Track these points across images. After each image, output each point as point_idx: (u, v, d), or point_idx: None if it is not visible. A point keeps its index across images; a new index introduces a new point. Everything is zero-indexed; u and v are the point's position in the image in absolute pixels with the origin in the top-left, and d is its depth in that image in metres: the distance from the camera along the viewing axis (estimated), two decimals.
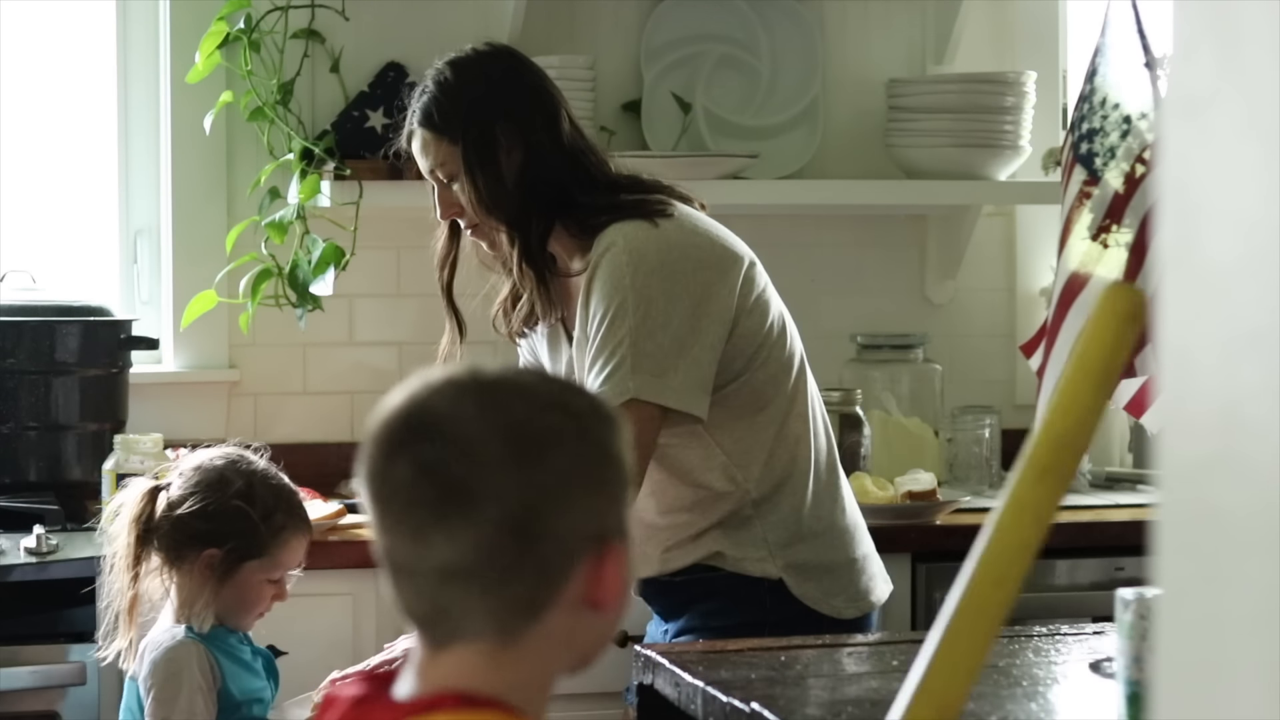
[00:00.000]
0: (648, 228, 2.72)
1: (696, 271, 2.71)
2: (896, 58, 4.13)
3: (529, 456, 1.40)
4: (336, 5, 3.70)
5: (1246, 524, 0.96)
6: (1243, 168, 0.97)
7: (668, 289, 2.68)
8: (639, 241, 2.70)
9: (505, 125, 2.77)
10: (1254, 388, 0.96)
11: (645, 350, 2.65)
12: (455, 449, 1.40)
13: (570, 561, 1.41)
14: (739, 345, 2.75)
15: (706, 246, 2.75)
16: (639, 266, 2.68)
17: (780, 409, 2.80)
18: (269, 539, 2.70)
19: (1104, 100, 2.53)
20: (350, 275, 3.65)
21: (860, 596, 2.83)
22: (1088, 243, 2.53)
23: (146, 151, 3.85)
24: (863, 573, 2.85)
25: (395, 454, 1.42)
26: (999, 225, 4.23)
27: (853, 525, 2.88)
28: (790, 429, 2.81)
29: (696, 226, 2.77)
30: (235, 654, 2.74)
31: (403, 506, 1.42)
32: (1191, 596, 1.01)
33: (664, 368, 2.66)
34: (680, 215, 2.76)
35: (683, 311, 2.68)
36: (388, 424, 1.43)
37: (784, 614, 2.75)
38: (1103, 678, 2.17)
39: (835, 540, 2.84)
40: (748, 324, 2.76)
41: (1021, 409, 3.94)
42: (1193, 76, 1.01)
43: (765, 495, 2.80)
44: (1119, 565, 3.47)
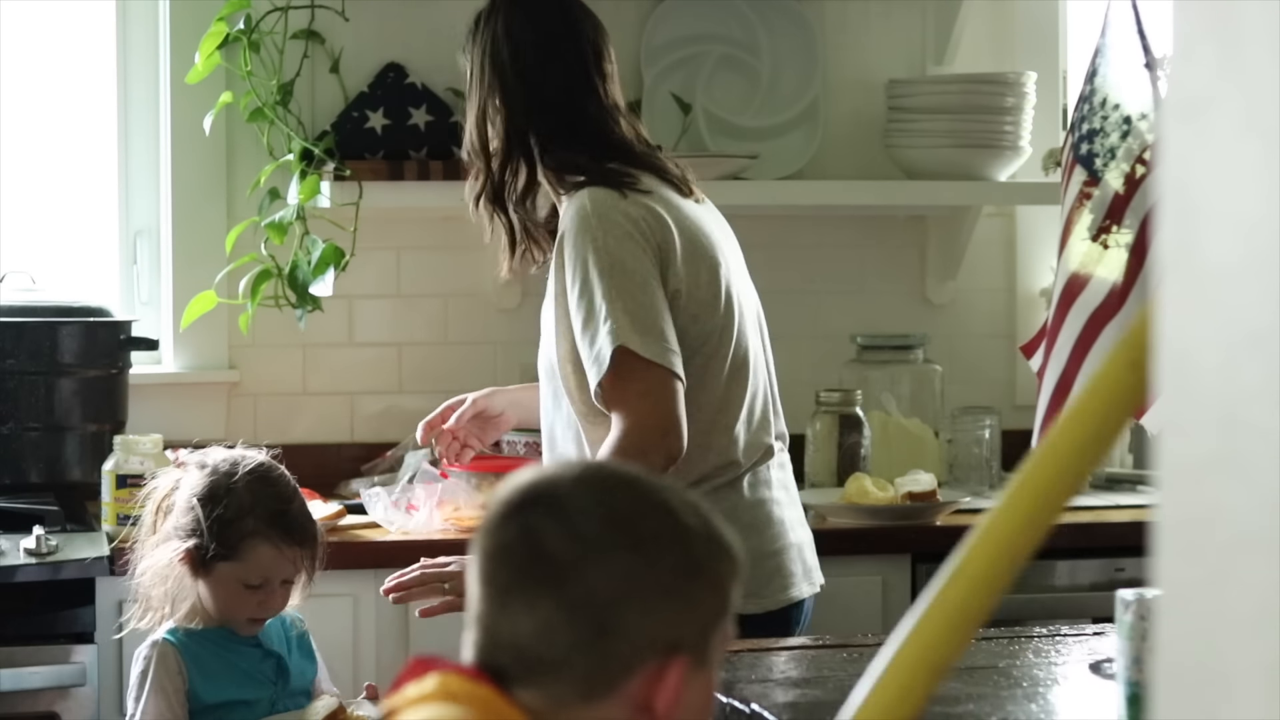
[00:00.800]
0: (610, 194, 2.79)
1: (654, 244, 2.78)
2: (896, 58, 4.13)
3: (623, 548, 1.44)
4: (336, 5, 3.70)
5: (1246, 524, 0.96)
6: (1243, 168, 0.97)
7: (635, 254, 2.75)
8: (603, 204, 2.78)
9: (516, 63, 2.88)
10: (1254, 388, 0.96)
11: (628, 309, 2.72)
12: (559, 522, 1.44)
13: (633, 662, 1.43)
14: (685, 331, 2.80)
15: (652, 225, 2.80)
16: (609, 231, 2.74)
17: (711, 401, 2.84)
18: (237, 542, 2.70)
19: (1104, 101, 2.53)
20: (350, 276, 3.65)
21: (763, 594, 2.84)
22: (1088, 243, 2.53)
23: (146, 151, 3.85)
24: (777, 570, 2.87)
25: (509, 517, 1.47)
26: (999, 226, 4.22)
27: (770, 520, 2.89)
28: (719, 421, 2.85)
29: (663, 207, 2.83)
30: (226, 657, 2.73)
31: (497, 565, 1.46)
32: (1191, 597, 1.01)
33: (647, 327, 2.72)
34: (652, 194, 2.83)
35: (653, 281, 2.75)
36: (513, 489, 1.48)
37: None
38: (1103, 678, 2.17)
39: (744, 534, 2.84)
40: (693, 311, 2.81)
41: (1021, 409, 3.94)
42: (1193, 76, 1.01)
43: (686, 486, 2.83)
44: (1119, 566, 3.47)
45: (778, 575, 2.88)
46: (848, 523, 3.45)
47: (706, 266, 2.85)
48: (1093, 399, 1.36)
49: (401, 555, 3.19)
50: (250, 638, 2.76)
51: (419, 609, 2.83)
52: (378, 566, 3.19)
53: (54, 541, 3.15)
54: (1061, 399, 2.52)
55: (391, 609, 3.20)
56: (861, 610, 3.37)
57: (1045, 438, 1.35)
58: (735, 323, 2.88)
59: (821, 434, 3.73)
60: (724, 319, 2.86)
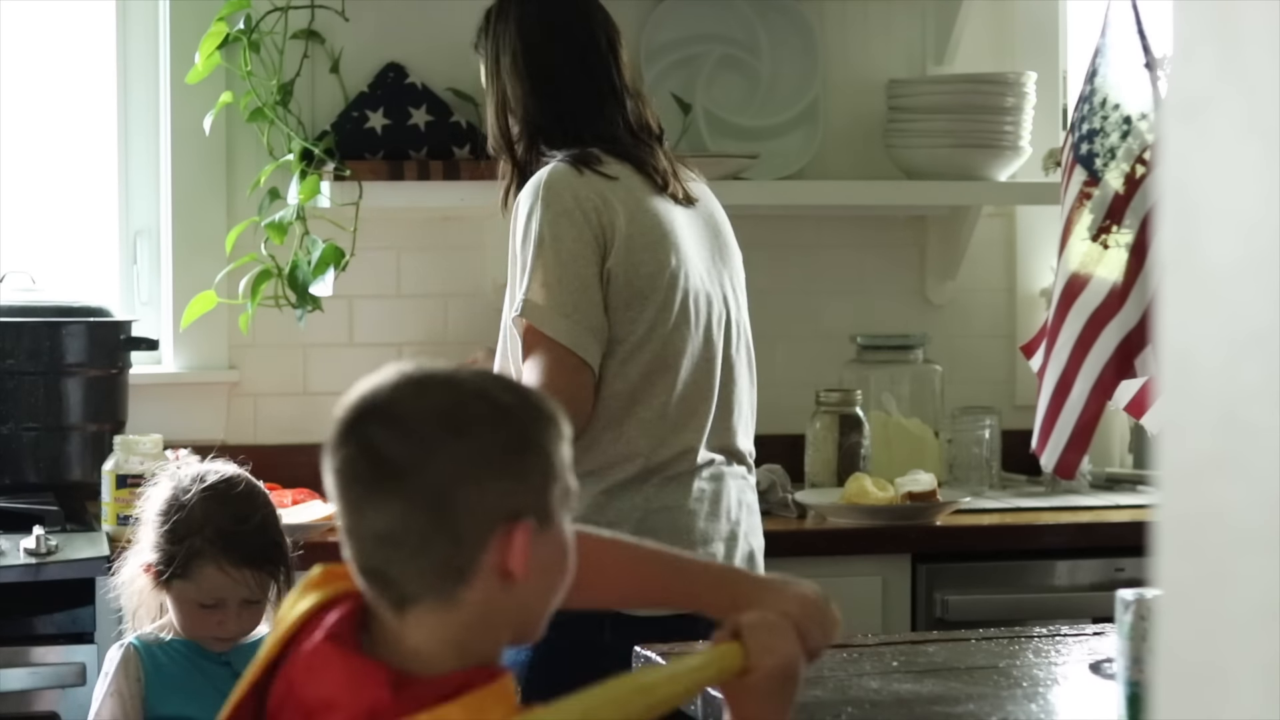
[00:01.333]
0: (569, 172, 2.84)
1: (594, 226, 2.82)
2: (896, 58, 4.13)
3: (451, 438, 1.61)
4: (336, 6, 3.70)
5: (1246, 524, 0.96)
6: (1243, 168, 0.97)
7: (571, 232, 2.80)
8: (557, 181, 2.83)
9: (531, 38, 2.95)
10: (1254, 388, 0.96)
11: (546, 282, 2.78)
12: (390, 429, 1.62)
13: (484, 536, 1.60)
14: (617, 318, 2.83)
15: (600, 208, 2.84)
16: (550, 204, 2.80)
17: (627, 389, 2.85)
18: (186, 561, 2.64)
19: (1104, 101, 2.53)
20: (350, 276, 3.65)
21: None
22: (1088, 243, 2.53)
23: (146, 151, 3.85)
24: None
25: (347, 434, 1.63)
26: (999, 226, 4.22)
27: (674, 527, 2.85)
28: (633, 412, 2.85)
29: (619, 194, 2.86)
30: (190, 672, 2.67)
31: (347, 480, 1.63)
32: (1191, 597, 1.01)
33: (559, 303, 2.78)
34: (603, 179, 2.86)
35: (582, 260, 2.80)
36: (345, 408, 1.66)
37: None
38: (1103, 678, 2.17)
39: (635, 533, 2.85)
40: (626, 297, 2.83)
41: (1021, 409, 3.94)
42: (1193, 76, 1.01)
43: (586, 471, 2.83)
44: (1119, 566, 3.47)
45: None
46: (848, 523, 3.45)
47: (652, 259, 2.86)
48: None
49: None
50: (219, 655, 2.68)
51: None
52: None
53: (54, 541, 3.15)
54: (1061, 399, 2.52)
55: None
56: (861, 610, 3.37)
57: None
58: (672, 320, 2.87)
59: (821, 434, 3.73)
60: (658, 315, 2.86)
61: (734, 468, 2.95)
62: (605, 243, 2.83)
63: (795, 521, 3.49)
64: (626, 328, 2.85)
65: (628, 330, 2.85)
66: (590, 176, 2.86)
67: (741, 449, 2.96)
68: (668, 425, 2.88)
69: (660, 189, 2.93)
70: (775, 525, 3.45)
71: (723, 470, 2.92)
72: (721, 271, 3.00)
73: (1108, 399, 2.50)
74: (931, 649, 2.34)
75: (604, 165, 2.88)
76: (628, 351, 2.86)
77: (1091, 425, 2.47)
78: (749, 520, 2.95)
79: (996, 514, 3.60)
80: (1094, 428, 2.47)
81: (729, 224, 3.09)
